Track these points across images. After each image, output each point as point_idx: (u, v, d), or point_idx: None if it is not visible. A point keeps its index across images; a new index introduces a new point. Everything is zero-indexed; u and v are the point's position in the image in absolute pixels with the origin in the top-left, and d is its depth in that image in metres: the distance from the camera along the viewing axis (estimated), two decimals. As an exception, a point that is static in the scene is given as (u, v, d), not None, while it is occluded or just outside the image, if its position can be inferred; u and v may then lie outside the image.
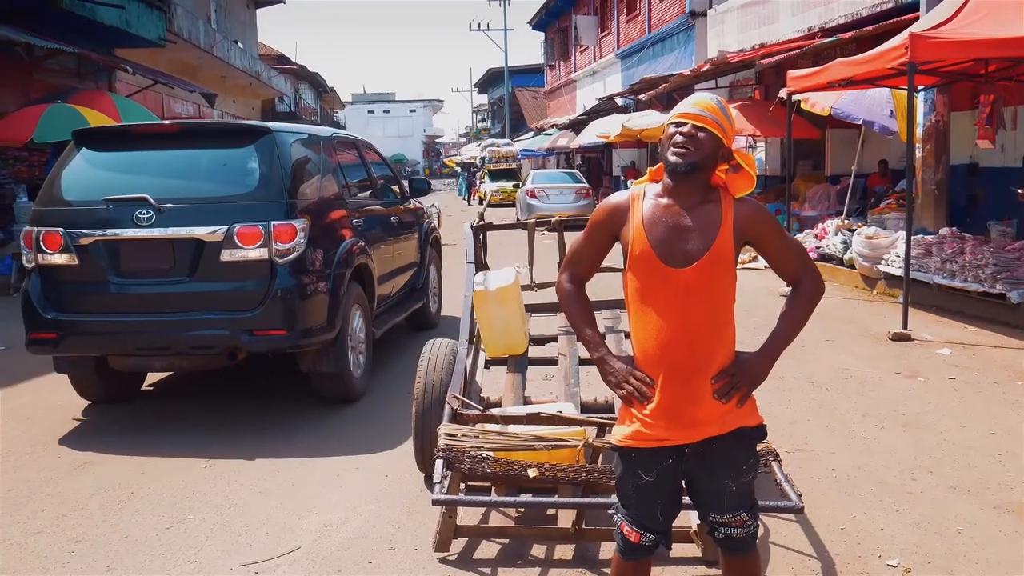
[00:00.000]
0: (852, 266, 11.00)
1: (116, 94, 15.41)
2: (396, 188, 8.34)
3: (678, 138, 2.49)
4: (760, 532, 3.87)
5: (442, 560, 3.77)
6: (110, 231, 5.53)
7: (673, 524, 2.74)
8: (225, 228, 5.38)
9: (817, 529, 3.99)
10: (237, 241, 5.39)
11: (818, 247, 12.03)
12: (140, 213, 5.46)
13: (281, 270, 5.44)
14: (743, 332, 2.73)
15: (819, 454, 4.99)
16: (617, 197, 2.66)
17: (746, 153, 2.60)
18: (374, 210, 7.25)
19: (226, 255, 5.40)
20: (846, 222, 11.97)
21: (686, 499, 2.76)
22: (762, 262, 12.87)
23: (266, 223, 5.40)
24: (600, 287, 6.11)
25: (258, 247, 5.40)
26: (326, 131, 6.88)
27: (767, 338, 2.64)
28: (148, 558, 3.88)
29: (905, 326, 8.01)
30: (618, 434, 2.65)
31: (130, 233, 5.49)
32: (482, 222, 5.94)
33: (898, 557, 3.71)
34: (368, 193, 7.38)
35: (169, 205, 5.47)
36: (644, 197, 2.58)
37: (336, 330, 5.80)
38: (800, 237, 13.18)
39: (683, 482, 2.68)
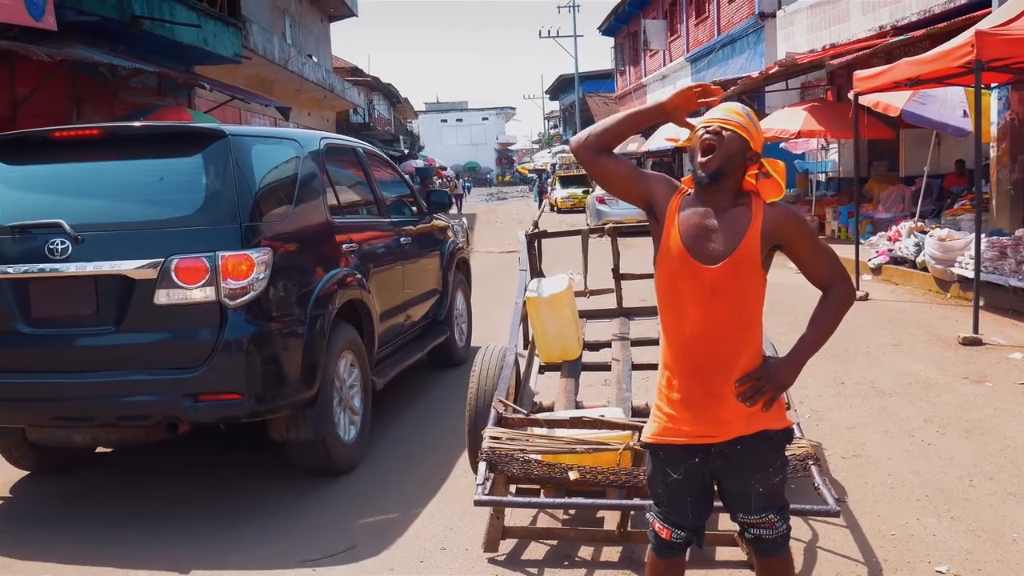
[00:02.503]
0: (925, 269, 10.75)
1: (195, 110, 15.96)
2: (413, 204, 7.16)
3: (705, 136, 2.58)
4: (809, 537, 3.93)
5: (491, 560, 3.87)
6: (16, 267, 4.36)
7: (716, 527, 2.80)
8: (160, 262, 4.21)
9: (867, 535, 3.97)
10: (175, 278, 4.22)
11: (890, 250, 11.79)
12: (54, 243, 4.29)
13: (233, 315, 4.27)
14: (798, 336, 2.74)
15: (875, 460, 4.94)
16: (674, 182, 2.75)
17: (776, 161, 2.65)
18: (378, 232, 6.07)
19: (162, 296, 4.23)
20: (919, 224, 11.71)
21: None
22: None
23: (212, 254, 4.22)
24: (643, 295, 6.17)
25: (202, 286, 4.23)
26: (312, 137, 5.65)
27: (795, 343, 2.68)
28: (209, 556, 4.08)
29: (976, 330, 7.81)
30: (647, 432, 2.74)
31: (41, 269, 4.33)
32: (536, 230, 6.02)
33: (948, 564, 3.67)
34: (372, 211, 6.24)
35: (90, 233, 4.32)
36: (684, 194, 2.67)
37: (315, 388, 4.66)
38: (873, 240, 12.95)
39: (713, 483, 2.73)
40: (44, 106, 11.51)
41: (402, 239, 6.39)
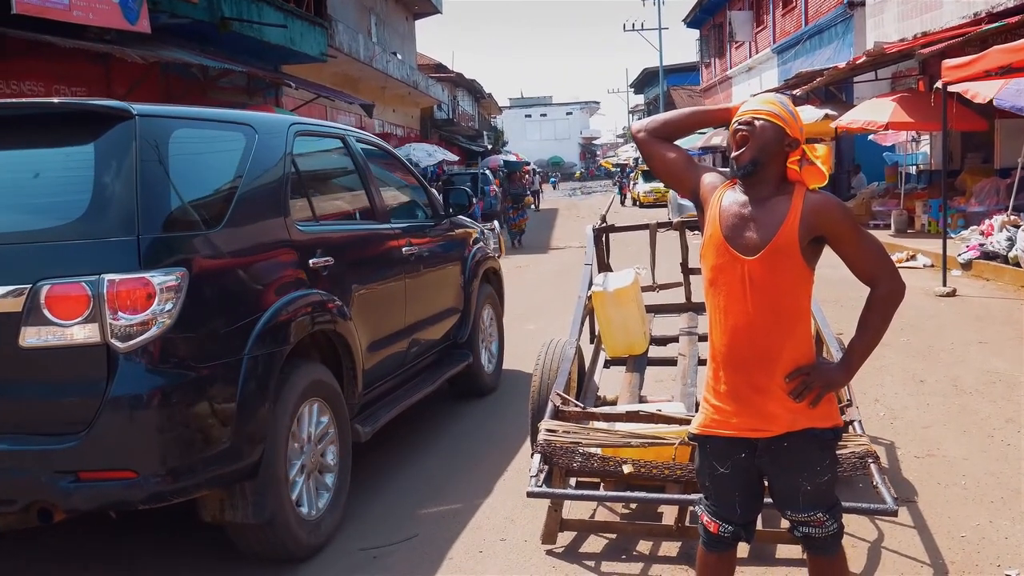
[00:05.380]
0: (1018, 264, 10.34)
1: (282, 108, 16.40)
2: (428, 206, 6.04)
3: (737, 128, 2.58)
4: (874, 536, 3.85)
5: (548, 552, 3.91)
6: None
7: (778, 524, 2.76)
8: (26, 289, 3.15)
9: (935, 536, 3.87)
10: (47, 311, 3.15)
11: (982, 244, 11.38)
12: None
13: (126, 362, 3.18)
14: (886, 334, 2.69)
15: (951, 460, 4.80)
16: (724, 174, 2.75)
17: (814, 146, 2.61)
18: (369, 242, 4.93)
19: (31, 336, 3.16)
20: (1012, 217, 11.27)
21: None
22: (919, 261, 12.32)
23: (95, 279, 3.14)
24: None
25: (83, 321, 3.14)
26: (276, 122, 4.45)
27: (846, 350, 2.65)
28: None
29: (1069, 328, 7.51)
30: (694, 423, 2.75)
31: None
32: (604, 224, 6.01)
33: (1018, 568, 3.55)
34: (366, 216, 5.07)
35: None
36: (730, 186, 2.67)
37: (255, 454, 3.56)
38: (965, 234, 12.54)
39: (763, 479, 2.71)
40: (138, 106, 11.97)
41: (406, 249, 5.22)
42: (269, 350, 3.65)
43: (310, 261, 4.11)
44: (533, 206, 38.22)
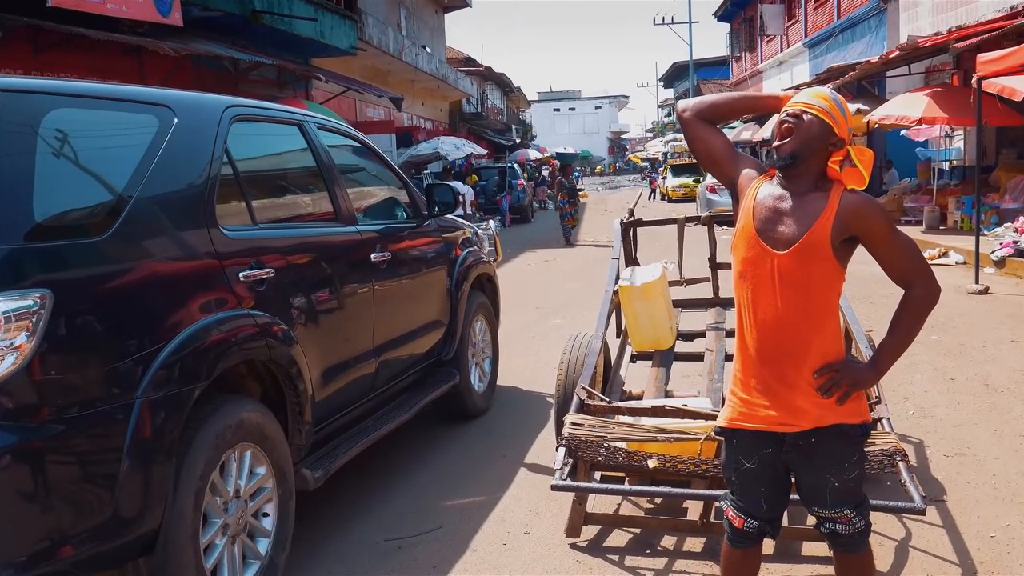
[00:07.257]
0: (1053, 262, 10.20)
1: (312, 101, 16.49)
2: (410, 205, 5.27)
3: (785, 118, 2.55)
4: (902, 535, 3.82)
5: (572, 545, 3.91)
6: None
7: (804, 521, 2.74)
8: None
9: (964, 536, 3.83)
10: None
11: (1015, 241, 11.22)
12: None
13: None
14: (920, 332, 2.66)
15: (981, 459, 4.74)
16: (763, 167, 2.74)
17: (864, 149, 2.58)
18: (326, 248, 4.13)
19: None
20: (1047, 215, 11.11)
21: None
22: (951, 258, 12.18)
23: None
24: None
25: None
26: (206, 103, 3.60)
27: (876, 350, 2.63)
28: (298, 532, 4.21)
29: (1105, 327, 7.38)
30: (721, 417, 2.74)
31: None
32: (632, 219, 5.99)
33: (1049, 569, 3.51)
34: (327, 217, 4.30)
35: None
36: (767, 179, 2.65)
37: (148, 524, 2.83)
38: (998, 231, 12.36)
39: (790, 474, 2.70)
40: (170, 99, 12.08)
41: (375, 255, 4.49)
42: (173, 390, 2.90)
43: (240, 274, 3.38)
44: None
